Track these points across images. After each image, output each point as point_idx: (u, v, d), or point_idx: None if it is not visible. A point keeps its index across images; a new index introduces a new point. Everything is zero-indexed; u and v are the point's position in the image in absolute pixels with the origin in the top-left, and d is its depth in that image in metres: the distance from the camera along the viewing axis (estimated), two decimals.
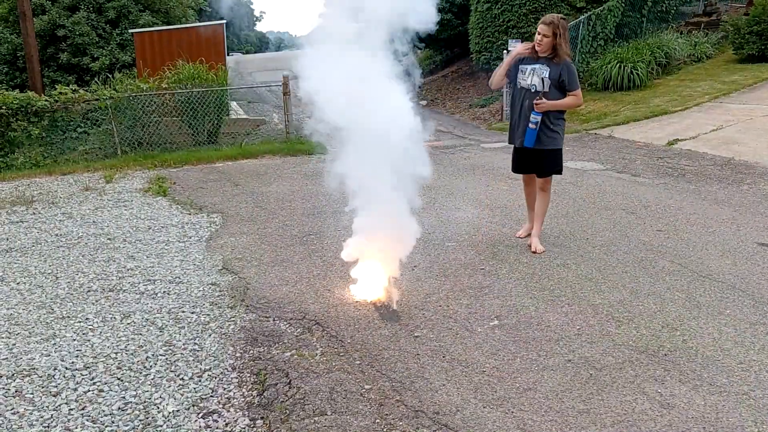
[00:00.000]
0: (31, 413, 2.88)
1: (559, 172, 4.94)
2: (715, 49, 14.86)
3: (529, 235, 5.19)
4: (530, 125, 4.70)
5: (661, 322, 3.64)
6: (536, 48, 4.67)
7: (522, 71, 4.76)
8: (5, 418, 2.85)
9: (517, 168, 5.12)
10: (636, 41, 14.43)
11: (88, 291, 4.35)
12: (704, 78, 13.07)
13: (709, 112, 10.69)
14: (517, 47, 4.93)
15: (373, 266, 4.08)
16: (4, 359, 3.38)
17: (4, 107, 9.58)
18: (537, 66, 4.67)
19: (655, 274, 4.37)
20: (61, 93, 10.08)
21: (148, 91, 10.53)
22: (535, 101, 4.62)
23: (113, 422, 2.81)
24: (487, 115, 14.19)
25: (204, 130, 10.92)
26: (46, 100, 9.97)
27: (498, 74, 4.94)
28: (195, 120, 10.76)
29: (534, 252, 4.84)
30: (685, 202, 6.22)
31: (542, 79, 4.64)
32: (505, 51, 13.07)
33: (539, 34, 4.62)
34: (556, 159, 4.84)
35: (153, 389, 3.08)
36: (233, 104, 14.18)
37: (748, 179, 6.99)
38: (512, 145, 5.07)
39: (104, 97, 10.11)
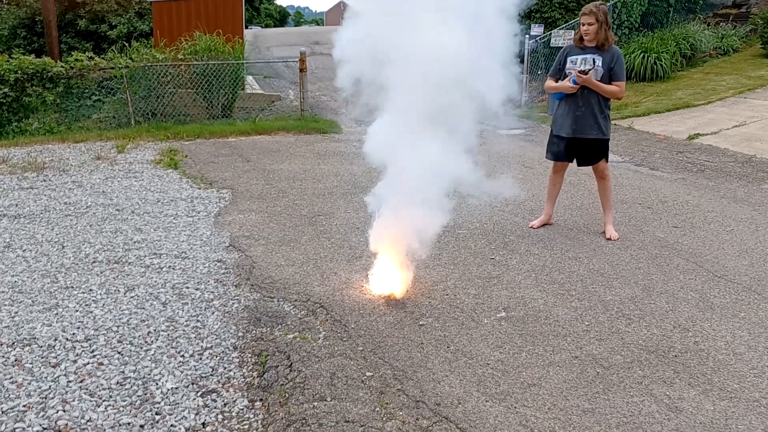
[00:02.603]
0: (29, 383, 2.87)
1: (606, 158, 4.97)
2: (743, 42, 14.49)
3: (543, 225, 5.13)
4: (563, 88, 4.76)
5: (672, 322, 3.55)
6: (583, 37, 4.69)
7: (572, 62, 4.75)
8: (3, 387, 2.83)
9: (558, 156, 5.02)
10: (661, 31, 14.11)
11: (94, 262, 4.33)
12: (729, 72, 12.76)
13: (733, 107, 10.45)
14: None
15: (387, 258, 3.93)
16: (5, 327, 3.37)
17: (19, 71, 9.55)
18: (588, 56, 4.67)
19: (669, 271, 4.27)
20: (77, 60, 10.01)
21: (163, 61, 10.45)
22: (578, 71, 4.60)
23: (111, 396, 2.79)
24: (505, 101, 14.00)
25: (218, 104, 10.84)
26: (61, 67, 9.92)
27: (549, 81, 4.98)
28: (210, 93, 10.68)
29: (609, 239, 4.88)
30: (703, 198, 6.08)
31: (596, 68, 4.63)
32: (526, 36, 12.85)
33: (583, 24, 4.65)
34: (606, 146, 4.92)
35: (153, 365, 3.05)
36: (249, 78, 14.08)
37: None
38: (558, 135, 4.95)
39: (120, 66, 10.05)
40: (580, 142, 4.84)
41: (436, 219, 3.72)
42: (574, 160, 5.00)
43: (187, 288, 3.92)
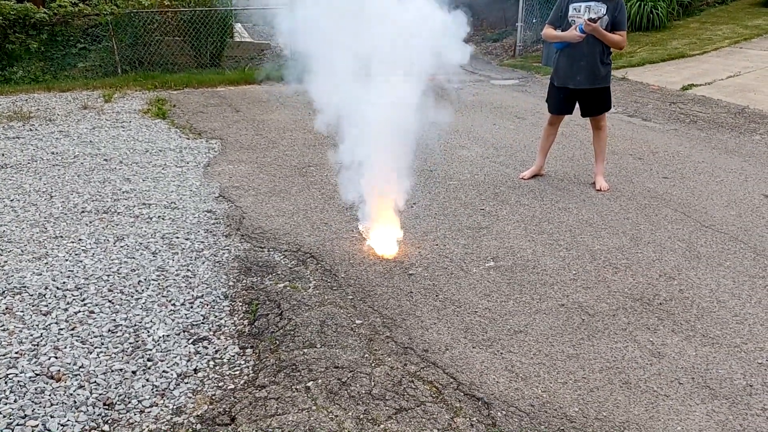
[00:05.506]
0: (20, 331, 2.89)
1: (609, 108, 4.92)
2: None
3: (534, 176, 5.13)
4: (568, 37, 4.66)
5: (658, 271, 3.60)
6: None
7: (576, 9, 4.63)
8: None
9: (561, 109, 4.97)
10: None
11: (82, 212, 4.31)
12: (726, 21, 12.58)
13: (728, 57, 10.34)
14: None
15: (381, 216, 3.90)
16: None
17: (0, 17, 9.27)
18: (592, 4, 4.56)
19: (657, 222, 4.30)
20: (60, 6, 9.72)
21: (150, 7, 10.16)
22: (587, 18, 4.50)
23: (103, 344, 2.82)
24: (499, 51, 13.77)
25: (207, 52, 10.61)
26: (45, 13, 9.63)
27: (549, 29, 4.83)
28: (198, 41, 10.44)
29: (599, 190, 4.87)
30: (695, 149, 6.08)
31: (600, 17, 4.52)
32: None
33: None
34: (609, 96, 4.87)
35: (144, 313, 3.07)
36: (238, 26, 13.73)
37: (761, 129, 6.81)
38: (563, 86, 4.86)
39: (105, 13, 9.77)
40: (585, 93, 4.78)
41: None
42: (574, 112, 4.96)
43: (177, 238, 3.93)
